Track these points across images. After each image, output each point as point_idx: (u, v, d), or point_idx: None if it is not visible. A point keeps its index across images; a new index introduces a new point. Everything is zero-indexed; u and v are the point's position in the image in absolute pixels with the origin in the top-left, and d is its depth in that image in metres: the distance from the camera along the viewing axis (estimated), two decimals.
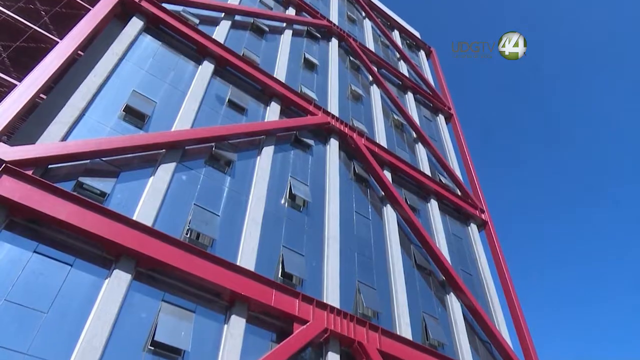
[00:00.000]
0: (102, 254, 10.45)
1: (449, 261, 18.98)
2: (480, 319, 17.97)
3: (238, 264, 12.32)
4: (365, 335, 13.28)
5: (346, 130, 20.05)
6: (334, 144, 19.47)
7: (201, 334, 10.92)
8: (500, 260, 21.82)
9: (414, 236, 19.04)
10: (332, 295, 13.93)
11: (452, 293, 18.30)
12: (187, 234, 12.34)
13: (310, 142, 18.58)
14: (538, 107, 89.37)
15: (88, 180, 11.34)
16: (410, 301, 16.27)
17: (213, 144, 14.79)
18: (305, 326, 12.17)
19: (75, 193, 10.58)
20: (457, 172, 25.81)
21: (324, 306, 13.04)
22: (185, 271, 11.02)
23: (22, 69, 15.18)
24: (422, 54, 37.83)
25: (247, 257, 12.79)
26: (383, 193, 19.53)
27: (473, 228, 23.16)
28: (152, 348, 9.99)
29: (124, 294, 10.08)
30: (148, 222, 11.37)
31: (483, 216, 23.72)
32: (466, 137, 29.36)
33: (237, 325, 11.39)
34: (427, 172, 23.32)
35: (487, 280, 20.81)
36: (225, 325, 11.38)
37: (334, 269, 14.78)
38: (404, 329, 15.05)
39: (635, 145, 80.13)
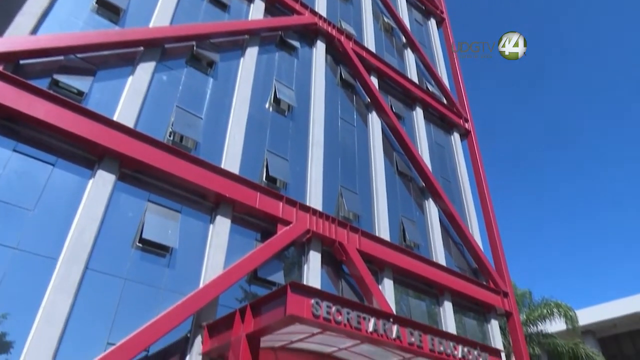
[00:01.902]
0: (85, 155, 10.39)
1: (430, 168, 19.45)
2: (455, 224, 18.91)
3: (222, 167, 12.43)
4: (345, 236, 13.94)
5: (334, 32, 19.23)
6: (320, 47, 18.78)
7: (188, 232, 11.32)
8: (479, 169, 22.42)
9: (398, 143, 19.25)
10: (315, 198, 14.35)
11: (430, 199, 19.01)
12: (170, 136, 12.24)
13: (296, 44, 17.86)
14: (536, 16, 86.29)
15: (64, 78, 10.90)
16: (390, 205, 16.91)
17: (194, 42, 14.12)
18: (288, 227, 12.67)
19: (51, 91, 10.22)
20: (445, 80, 25.46)
21: (306, 209, 13.48)
22: (170, 173, 11.11)
23: None
24: None
25: (231, 160, 12.88)
26: (369, 99, 19.33)
27: (456, 137, 23.43)
28: (141, 245, 10.38)
29: (109, 194, 10.22)
30: (130, 124, 11.19)
31: (467, 125, 23.89)
32: (457, 42, 28.49)
33: (222, 225, 11.79)
34: (415, 79, 22.94)
35: (465, 187, 21.55)
36: (211, 225, 11.77)
37: (318, 174, 15.06)
38: (383, 231, 15.81)
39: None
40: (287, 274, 12.70)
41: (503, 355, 13.86)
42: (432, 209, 18.73)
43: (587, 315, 31.74)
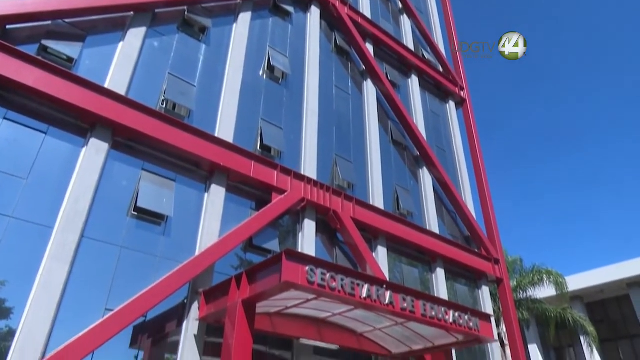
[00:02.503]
0: (77, 123, 10.27)
1: (425, 137, 19.42)
2: (449, 192, 19.06)
3: (216, 135, 12.35)
4: (340, 204, 14.03)
5: None
6: (315, 12, 18.38)
7: (183, 201, 11.35)
8: (474, 138, 22.41)
9: (393, 112, 19.14)
10: (309, 167, 14.36)
11: (424, 167, 19.08)
12: (162, 104, 12.09)
13: (290, 9, 17.46)
14: None
15: (52, 44, 10.66)
16: (385, 174, 16.97)
17: (185, 7, 13.77)
18: (283, 196, 12.71)
19: (40, 58, 10.00)
20: (441, 47, 25.11)
21: (301, 177, 13.50)
22: (163, 141, 11.03)
23: None
24: None
25: (225, 128, 12.78)
26: (364, 67, 19.08)
27: (451, 105, 23.32)
28: (136, 213, 10.41)
29: (103, 163, 10.16)
30: (121, 91, 11.02)
31: (462, 94, 23.74)
32: (454, 6, 27.96)
33: (217, 194, 11.82)
34: (411, 46, 22.60)
35: (459, 156, 21.61)
36: (206, 194, 11.80)
37: (312, 143, 15.02)
38: (377, 199, 15.92)
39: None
40: (282, 242, 12.84)
41: (493, 320, 14.22)
42: (426, 178, 18.83)
43: (576, 282, 32.47)
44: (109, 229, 9.89)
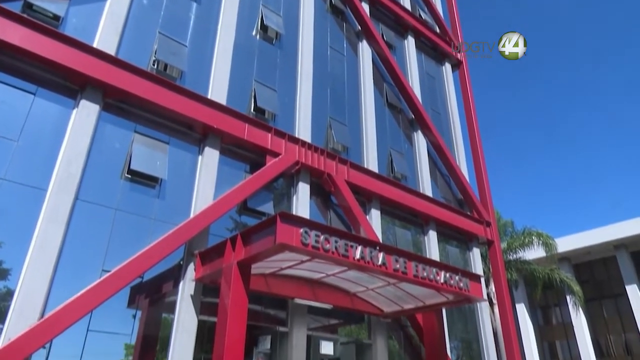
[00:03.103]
0: (66, 84, 10.05)
1: (420, 100, 19.26)
2: (443, 155, 19.10)
3: (209, 97, 12.16)
4: (334, 167, 14.04)
5: None
6: None
7: (176, 164, 11.30)
8: (469, 101, 22.24)
9: (388, 74, 18.88)
10: (303, 130, 14.26)
11: (419, 130, 19.02)
12: (154, 64, 11.83)
13: None
14: None
15: (38, 1, 10.26)
16: (379, 137, 16.92)
17: None
18: (277, 158, 12.68)
19: (25, 15, 9.66)
20: (438, 7, 24.53)
21: (295, 140, 13.43)
22: (155, 103, 10.86)
23: None
24: None
25: (218, 90, 12.58)
26: (360, 27, 18.66)
27: (447, 67, 23.00)
28: (129, 176, 10.38)
29: (95, 125, 10.02)
30: (110, 51, 10.73)
31: (459, 56, 23.38)
32: None
33: (211, 156, 11.76)
34: (407, 6, 22.05)
35: (454, 119, 21.52)
36: (200, 157, 11.74)
37: (306, 105, 14.86)
38: (371, 162, 15.94)
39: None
40: (276, 205, 12.91)
41: (482, 280, 14.57)
42: (420, 141, 18.81)
43: (565, 244, 33.16)
44: (103, 192, 9.87)
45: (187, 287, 10.15)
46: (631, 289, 33.76)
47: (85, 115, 9.90)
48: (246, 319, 8.81)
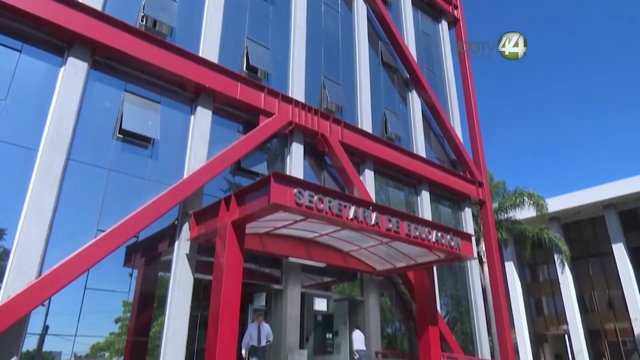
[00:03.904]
0: (52, 40, 9.76)
1: (415, 59, 18.96)
2: (437, 116, 19.00)
3: (200, 55, 11.89)
4: (328, 128, 13.96)
5: None
6: None
7: (168, 124, 11.17)
8: (465, 60, 21.89)
9: (383, 31, 18.47)
10: (297, 89, 14.06)
11: (414, 90, 18.82)
12: (142, 21, 11.46)
13: None
14: None
15: None
16: (373, 97, 16.74)
17: None
18: (270, 119, 12.56)
19: None
20: None
21: (289, 100, 13.27)
22: (145, 61, 10.60)
23: None
24: None
25: (209, 48, 12.28)
26: None
27: (443, 25, 22.50)
28: (121, 136, 10.27)
29: (84, 83, 9.80)
30: (97, 6, 10.36)
31: (455, 12, 22.84)
32: None
33: (203, 116, 11.62)
34: None
35: (450, 79, 21.27)
36: (192, 116, 11.60)
37: (300, 64, 14.59)
38: (365, 123, 15.85)
39: None
40: (270, 165, 12.90)
41: (473, 239, 14.85)
42: (415, 101, 18.65)
43: (555, 204, 33.66)
44: (95, 152, 9.79)
45: (182, 246, 10.27)
46: (617, 248, 34.59)
47: (73, 73, 9.67)
48: (241, 277, 8.98)
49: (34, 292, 7.84)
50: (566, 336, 33.64)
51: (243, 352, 9.35)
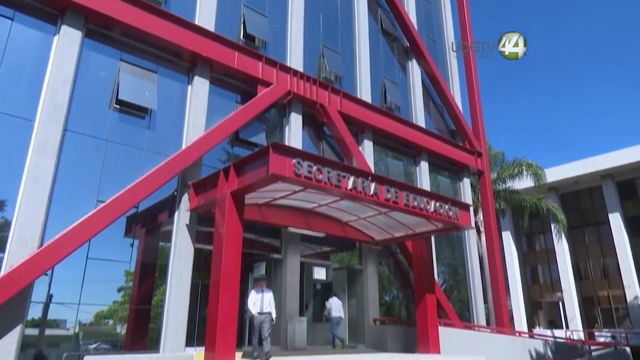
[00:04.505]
0: (45, 8, 9.53)
1: (416, 27, 18.61)
2: (437, 85, 18.81)
3: (196, 23, 11.65)
4: (327, 97, 13.82)
5: None
6: None
7: (165, 94, 11.05)
8: (466, 27, 21.50)
9: None
10: (295, 58, 13.86)
11: (414, 59, 18.56)
12: None
13: None
14: None
15: None
16: (373, 66, 16.52)
17: None
18: (268, 88, 12.42)
19: None
20: None
21: (287, 69, 13.09)
22: (140, 29, 10.39)
23: None
24: None
25: (205, 16, 12.03)
26: None
27: None
28: (118, 106, 10.17)
29: (78, 52, 9.63)
30: None
31: None
32: None
33: (200, 86, 11.49)
34: None
35: (450, 48, 20.93)
36: (189, 86, 11.46)
37: (298, 32, 14.32)
38: (364, 92, 15.69)
39: None
40: (268, 136, 12.84)
41: (471, 209, 14.95)
42: (414, 70, 18.42)
43: (553, 174, 33.73)
44: (92, 123, 9.72)
45: (182, 217, 10.33)
46: (613, 217, 34.91)
47: (67, 42, 9.49)
48: (241, 247, 9.07)
49: (36, 261, 7.93)
50: (560, 303, 34.34)
51: (254, 312, 9.20)
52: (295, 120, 13.24)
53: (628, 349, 18.05)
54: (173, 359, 9.08)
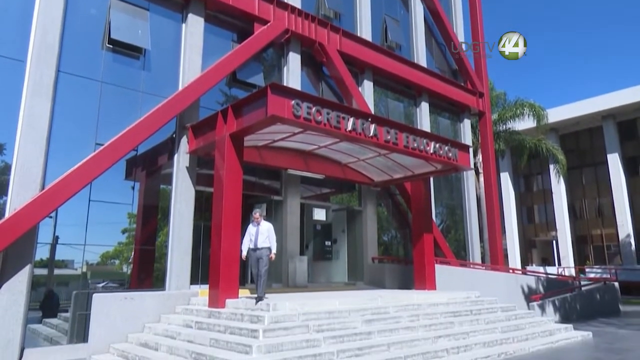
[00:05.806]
0: None
1: None
2: (440, 22, 18.18)
3: None
4: (326, 36, 13.39)
5: None
6: None
7: (159, 33, 10.70)
8: None
9: None
10: None
11: None
12: None
13: None
14: None
15: None
16: (373, 2, 15.86)
17: None
18: (266, 27, 12.00)
19: None
20: None
21: (285, 6, 12.58)
22: None
23: None
24: None
25: None
26: None
27: None
28: (111, 46, 9.87)
29: None
30: None
31: None
32: None
33: (195, 24, 11.09)
34: None
35: None
36: (184, 25, 11.07)
37: None
38: (365, 30, 15.18)
39: None
40: (266, 76, 12.57)
41: (471, 150, 14.94)
42: (417, 7, 17.71)
43: (554, 114, 33.36)
44: (85, 63, 9.47)
45: (181, 159, 10.33)
46: (612, 157, 34.93)
47: None
48: (241, 189, 9.14)
49: (39, 204, 8.02)
50: (554, 242, 35.18)
51: (244, 253, 8.72)
52: (294, 60, 12.91)
53: (616, 284, 18.72)
54: (179, 296, 9.42)
